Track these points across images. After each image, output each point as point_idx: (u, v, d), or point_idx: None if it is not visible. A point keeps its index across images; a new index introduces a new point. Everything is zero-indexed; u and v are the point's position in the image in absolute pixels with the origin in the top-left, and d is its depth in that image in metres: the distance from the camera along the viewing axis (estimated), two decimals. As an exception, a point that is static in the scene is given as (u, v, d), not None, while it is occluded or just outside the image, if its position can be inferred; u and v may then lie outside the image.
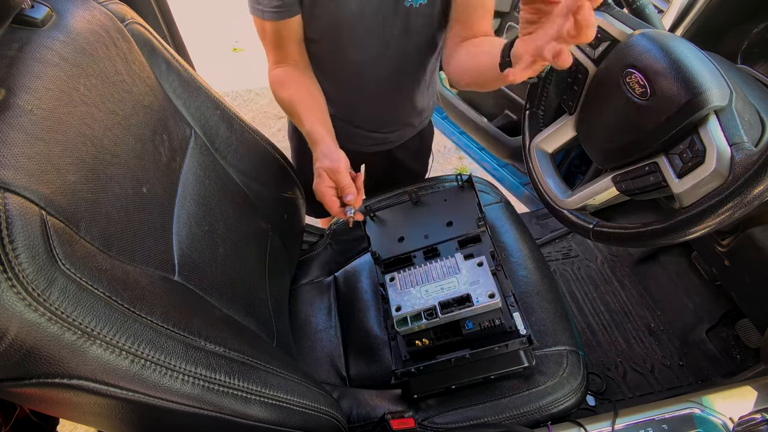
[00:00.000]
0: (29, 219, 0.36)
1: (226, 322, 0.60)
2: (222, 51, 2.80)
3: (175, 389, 0.44)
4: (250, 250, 0.79)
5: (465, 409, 0.73)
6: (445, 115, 1.65)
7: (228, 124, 0.77)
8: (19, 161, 0.39)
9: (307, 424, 0.60)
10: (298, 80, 0.86)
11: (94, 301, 0.39)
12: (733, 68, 0.68)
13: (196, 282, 0.60)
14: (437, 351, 0.71)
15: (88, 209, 0.45)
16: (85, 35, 0.53)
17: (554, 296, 0.85)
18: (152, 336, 0.42)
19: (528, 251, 0.91)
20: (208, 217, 0.68)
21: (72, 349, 0.37)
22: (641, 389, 1.06)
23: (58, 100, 0.46)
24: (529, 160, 0.84)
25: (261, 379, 0.54)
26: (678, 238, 0.59)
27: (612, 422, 0.71)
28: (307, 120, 0.81)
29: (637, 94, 0.61)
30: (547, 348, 0.77)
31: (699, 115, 0.56)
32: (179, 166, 0.66)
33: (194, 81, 0.71)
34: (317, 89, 0.88)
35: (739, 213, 0.52)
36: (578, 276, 1.29)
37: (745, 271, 0.82)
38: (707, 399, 0.72)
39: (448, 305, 0.67)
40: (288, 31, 0.81)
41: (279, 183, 0.91)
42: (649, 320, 1.17)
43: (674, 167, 0.59)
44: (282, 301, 0.89)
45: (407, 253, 0.82)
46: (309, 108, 0.83)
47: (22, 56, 0.46)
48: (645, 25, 0.66)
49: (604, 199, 0.73)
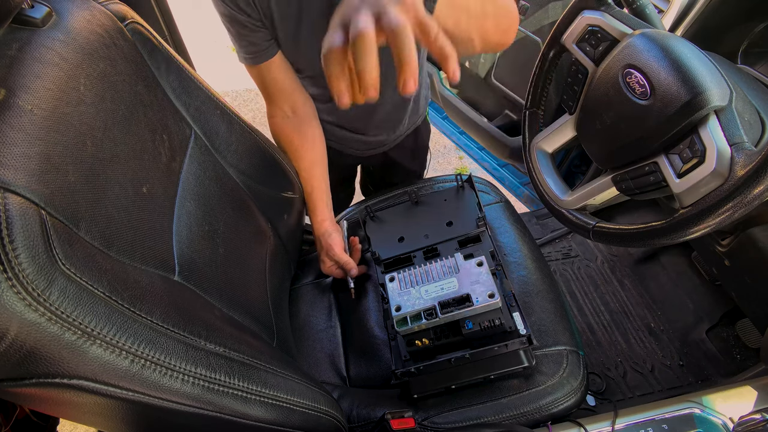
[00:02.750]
0: (29, 219, 0.36)
1: (226, 322, 0.60)
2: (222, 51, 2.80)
3: (175, 389, 0.44)
4: (251, 250, 0.79)
5: (465, 409, 0.73)
6: (445, 115, 1.65)
7: (228, 124, 0.77)
8: (19, 161, 0.39)
9: (307, 424, 0.60)
10: (299, 146, 0.90)
11: (94, 301, 0.39)
12: (733, 68, 0.68)
13: (196, 282, 0.60)
14: (437, 351, 0.71)
15: (88, 209, 0.45)
16: (85, 35, 0.53)
17: (554, 296, 0.84)
18: (152, 336, 0.42)
19: (528, 251, 0.91)
20: (208, 217, 0.68)
21: (72, 349, 0.37)
22: (641, 389, 1.06)
23: (58, 100, 0.46)
24: (529, 160, 0.84)
25: (261, 379, 0.54)
26: (678, 238, 0.59)
27: (612, 422, 0.71)
28: (307, 196, 0.94)
29: (637, 94, 0.61)
30: (547, 348, 0.77)
31: (699, 115, 0.56)
32: (179, 166, 0.66)
33: (194, 81, 0.71)
34: (319, 151, 0.93)
35: (739, 213, 0.52)
36: (578, 276, 1.29)
37: (745, 271, 0.82)
38: (707, 399, 0.72)
39: (447, 305, 0.67)
40: (269, 74, 0.83)
41: (279, 183, 0.91)
42: (649, 320, 1.17)
43: (674, 167, 0.59)
44: (282, 301, 0.89)
45: (407, 253, 0.82)
46: (309, 183, 0.93)
47: (22, 56, 0.46)
48: (645, 25, 0.66)
49: (604, 199, 0.73)
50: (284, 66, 0.83)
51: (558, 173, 0.82)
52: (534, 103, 0.83)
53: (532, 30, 1.26)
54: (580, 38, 0.71)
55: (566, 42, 0.73)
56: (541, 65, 0.80)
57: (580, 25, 0.71)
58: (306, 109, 0.89)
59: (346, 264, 0.90)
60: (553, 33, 0.76)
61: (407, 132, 1.07)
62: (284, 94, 0.86)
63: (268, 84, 0.84)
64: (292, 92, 0.86)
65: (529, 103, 0.84)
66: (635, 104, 0.62)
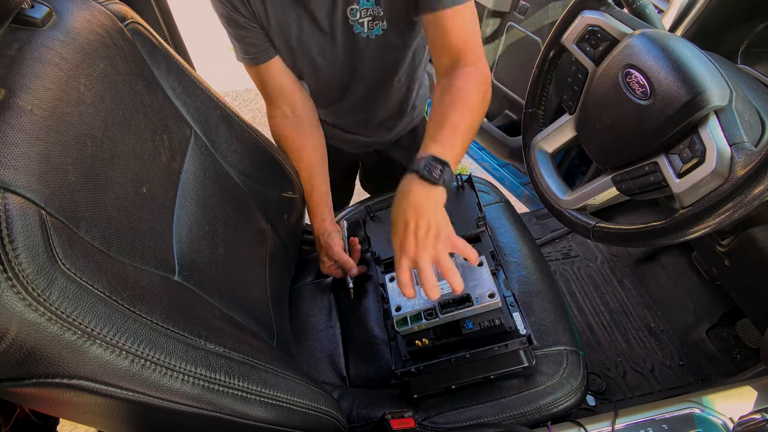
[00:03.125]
0: (29, 219, 0.36)
1: (226, 321, 0.60)
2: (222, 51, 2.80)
3: (175, 389, 0.44)
4: (251, 250, 0.79)
5: (465, 409, 0.73)
6: (445, 115, 1.64)
7: (228, 124, 0.77)
8: (19, 161, 0.39)
9: (307, 424, 0.60)
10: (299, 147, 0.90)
11: (94, 301, 0.39)
12: (733, 68, 0.68)
13: (196, 282, 0.60)
14: (437, 351, 0.71)
15: (88, 209, 0.45)
16: (85, 35, 0.53)
17: (554, 296, 0.84)
18: (152, 336, 0.42)
19: (528, 251, 0.91)
20: (208, 217, 0.68)
21: (72, 349, 0.37)
22: (641, 389, 1.06)
23: (58, 100, 0.46)
24: (529, 160, 0.84)
25: (261, 379, 0.54)
26: (678, 238, 0.59)
27: (612, 422, 0.71)
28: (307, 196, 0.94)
29: (637, 94, 0.61)
30: (547, 348, 0.77)
31: (699, 115, 0.56)
32: (179, 166, 0.66)
33: (194, 81, 0.71)
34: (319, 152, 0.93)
35: (739, 213, 0.52)
36: (578, 276, 1.29)
37: (745, 271, 0.82)
38: (707, 399, 0.72)
39: (447, 305, 0.67)
40: (268, 75, 0.83)
41: (279, 183, 0.91)
42: (649, 320, 1.17)
43: (674, 167, 0.59)
44: (282, 301, 0.89)
45: (407, 253, 0.82)
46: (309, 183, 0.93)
47: (22, 56, 0.46)
48: (645, 25, 0.66)
49: (604, 199, 0.73)
50: (283, 67, 0.83)
51: (558, 173, 0.82)
52: (534, 103, 0.83)
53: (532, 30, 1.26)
54: (580, 38, 0.71)
55: (566, 42, 0.73)
56: (541, 65, 0.80)
57: (580, 25, 0.71)
58: (305, 109, 0.89)
59: (345, 264, 0.90)
60: (553, 33, 0.76)
61: (405, 131, 1.07)
62: (283, 95, 0.86)
63: (268, 84, 0.85)
64: (291, 92, 0.86)
65: (529, 103, 0.84)
66: (635, 104, 0.62)
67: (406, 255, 0.61)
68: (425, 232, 0.61)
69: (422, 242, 0.61)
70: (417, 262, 0.61)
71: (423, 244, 0.61)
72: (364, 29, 0.75)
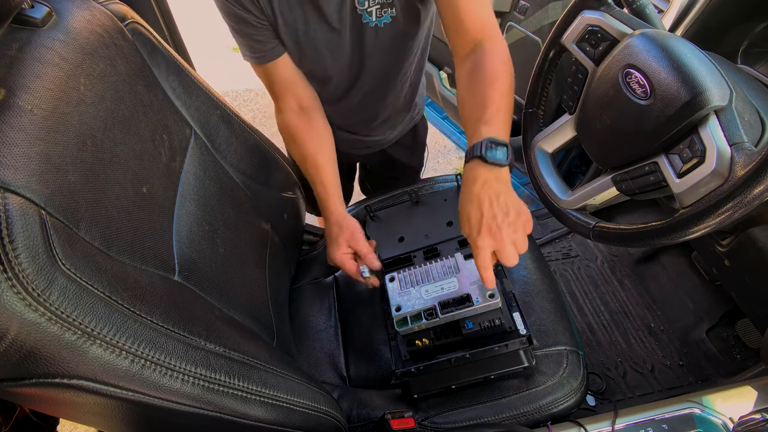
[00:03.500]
0: (29, 219, 0.36)
1: (226, 322, 0.60)
2: (222, 51, 2.80)
3: (175, 389, 0.44)
4: (251, 250, 0.79)
5: (465, 409, 0.73)
6: (445, 115, 1.65)
7: (228, 124, 0.77)
8: (19, 161, 0.39)
9: (307, 424, 0.60)
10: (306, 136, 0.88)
11: (94, 301, 0.39)
12: (733, 68, 0.68)
13: (196, 282, 0.60)
14: (437, 351, 0.71)
15: (88, 209, 0.45)
16: (85, 35, 0.53)
17: (554, 296, 0.84)
18: (152, 336, 0.42)
19: (528, 251, 0.91)
20: (208, 217, 0.68)
21: (72, 349, 0.37)
22: (641, 389, 1.06)
23: (58, 100, 0.46)
24: (529, 160, 0.84)
25: (261, 379, 0.54)
26: (678, 238, 0.59)
27: (612, 422, 0.71)
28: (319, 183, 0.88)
29: (637, 94, 0.61)
30: (547, 348, 0.77)
31: (699, 115, 0.56)
32: (179, 166, 0.66)
33: (194, 81, 0.71)
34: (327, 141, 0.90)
35: (739, 213, 0.52)
36: (578, 276, 1.29)
37: (745, 271, 0.82)
38: (707, 399, 0.72)
39: (447, 305, 0.67)
40: (275, 72, 0.82)
41: (279, 183, 0.91)
42: (649, 320, 1.17)
43: (674, 167, 0.59)
44: (282, 301, 0.89)
45: (407, 253, 0.82)
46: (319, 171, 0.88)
47: (22, 56, 0.46)
48: (645, 25, 0.66)
49: (604, 199, 0.73)
50: (290, 63, 0.82)
51: (558, 173, 0.82)
52: (534, 103, 0.83)
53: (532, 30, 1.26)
54: (580, 38, 0.71)
55: (566, 42, 0.73)
56: (541, 65, 0.80)
57: (580, 25, 0.71)
58: (311, 101, 0.88)
59: (367, 255, 0.82)
60: (553, 33, 0.76)
61: (406, 130, 1.08)
62: (291, 90, 0.85)
63: (275, 82, 0.84)
64: (298, 87, 0.86)
65: (529, 103, 0.84)
66: (635, 104, 0.62)
67: (492, 236, 0.60)
68: (504, 213, 0.60)
69: (504, 223, 0.60)
70: (499, 243, 0.60)
71: (507, 223, 0.60)
72: (372, 18, 0.75)
